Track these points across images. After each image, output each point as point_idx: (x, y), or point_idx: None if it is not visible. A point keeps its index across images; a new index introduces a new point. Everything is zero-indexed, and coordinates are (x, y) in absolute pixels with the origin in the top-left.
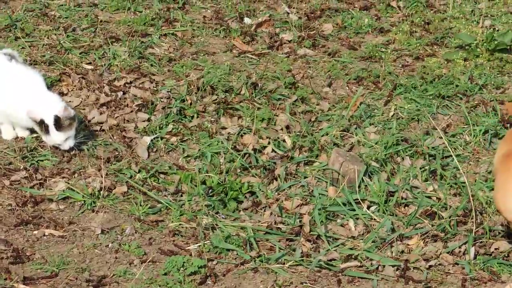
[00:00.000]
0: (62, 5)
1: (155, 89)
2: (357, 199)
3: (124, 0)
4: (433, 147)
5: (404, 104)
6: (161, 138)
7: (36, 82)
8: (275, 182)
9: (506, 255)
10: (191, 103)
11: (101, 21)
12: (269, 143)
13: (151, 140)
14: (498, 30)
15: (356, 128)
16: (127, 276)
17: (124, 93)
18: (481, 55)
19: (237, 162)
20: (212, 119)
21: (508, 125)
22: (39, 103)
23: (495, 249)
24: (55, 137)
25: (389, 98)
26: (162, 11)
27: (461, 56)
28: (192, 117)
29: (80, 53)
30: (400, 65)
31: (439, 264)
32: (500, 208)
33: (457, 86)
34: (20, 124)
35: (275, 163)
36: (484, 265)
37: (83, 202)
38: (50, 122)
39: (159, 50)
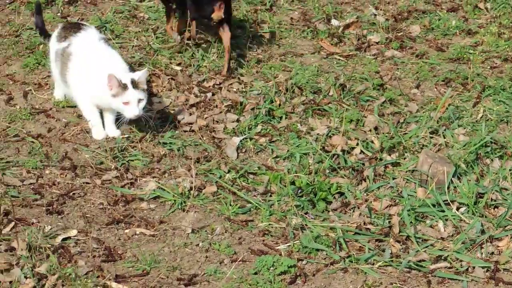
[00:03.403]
0: (150, 7)
1: (244, 90)
2: (446, 200)
3: None
4: None
5: (493, 105)
6: (250, 139)
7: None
8: (363, 183)
9: None
10: (279, 104)
11: None
12: (357, 144)
13: (240, 141)
14: None
15: (444, 130)
16: (218, 275)
17: (213, 94)
18: None
19: (326, 163)
20: (301, 120)
21: None
22: None
23: None
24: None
25: (477, 100)
26: (250, 13)
27: None
28: (281, 118)
29: (169, 54)
30: (489, 67)
31: None
32: None
33: None
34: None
35: (363, 164)
36: None
37: (173, 201)
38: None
39: (247, 51)
